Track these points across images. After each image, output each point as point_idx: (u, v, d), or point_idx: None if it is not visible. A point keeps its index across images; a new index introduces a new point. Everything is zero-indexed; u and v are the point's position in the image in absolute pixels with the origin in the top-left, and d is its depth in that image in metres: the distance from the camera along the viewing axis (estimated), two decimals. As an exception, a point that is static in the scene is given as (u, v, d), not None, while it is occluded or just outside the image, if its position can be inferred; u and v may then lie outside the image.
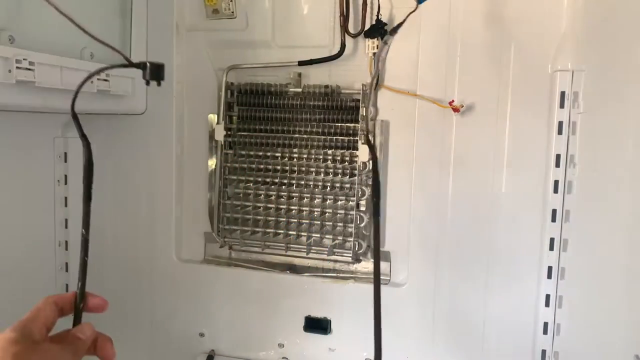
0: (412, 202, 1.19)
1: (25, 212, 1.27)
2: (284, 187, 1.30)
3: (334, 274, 1.30)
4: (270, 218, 1.30)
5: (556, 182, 1.09)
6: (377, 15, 1.18)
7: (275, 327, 1.31)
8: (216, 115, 1.32)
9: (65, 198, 1.35)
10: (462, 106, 1.11)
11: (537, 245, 1.11)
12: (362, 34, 1.20)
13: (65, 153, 1.34)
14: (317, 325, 1.27)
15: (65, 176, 1.34)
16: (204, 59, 1.33)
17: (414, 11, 1.03)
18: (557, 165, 1.08)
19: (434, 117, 1.15)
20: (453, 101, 1.12)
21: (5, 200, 1.22)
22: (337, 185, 1.27)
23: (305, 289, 1.28)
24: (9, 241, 1.23)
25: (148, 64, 0.77)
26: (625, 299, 0.96)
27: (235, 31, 1.30)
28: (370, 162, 1.24)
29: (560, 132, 1.08)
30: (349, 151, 1.25)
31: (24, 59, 0.94)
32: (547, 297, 1.11)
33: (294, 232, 1.29)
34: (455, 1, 1.13)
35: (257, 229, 1.32)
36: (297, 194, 1.29)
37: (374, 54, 1.19)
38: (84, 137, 0.68)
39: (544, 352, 1.13)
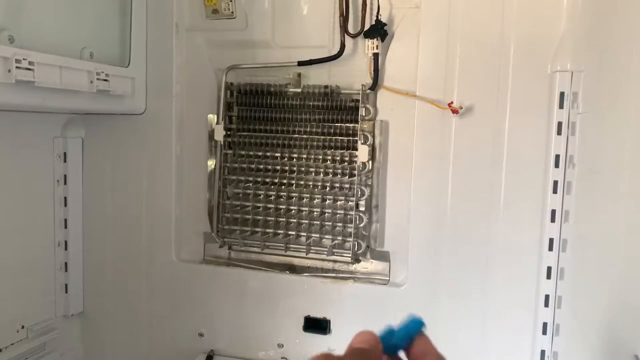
0: (412, 202, 1.19)
1: (25, 212, 1.27)
2: (283, 187, 1.30)
3: (334, 274, 1.30)
4: (269, 218, 1.30)
5: (555, 183, 1.09)
6: (377, 16, 1.18)
7: (275, 327, 1.31)
8: (216, 116, 1.32)
9: (65, 198, 1.35)
10: (462, 107, 1.11)
11: (537, 245, 1.11)
12: (362, 34, 1.20)
13: (65, 153, 1.34)
14: (317, 325, 1.27)
15: (65, 176, 1.34)
16: (203, 59, 1.33)
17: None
18: (557, 165, 1.08)
19: (434, 118, 1.15)
20: (452, 103, 1.12)
21: (5, 200, 1.22)
22: (337, 185, 1.27)
23: (304, 289, 1.28)
24: (9, 241, 1.23)
25: None
26: (624, 299, 0.96)
27: (234, 31, 1.30)
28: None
29: (559, 132, 1.08)
30: (349, 151, 1.25)
31: (23, 59, 0.94)
32: (547, 297, 1.11)
33: (294, 232, 1.29)
34: (455, 2, 1.13)
35: (257, 229, 1.32)
36: (296, 194, 1.29)
37: (374, 54, 1.19)
38: None
39: (543, 352, 1.13)
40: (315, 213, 1.28)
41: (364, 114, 1.22)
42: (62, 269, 1.37)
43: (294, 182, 1.29)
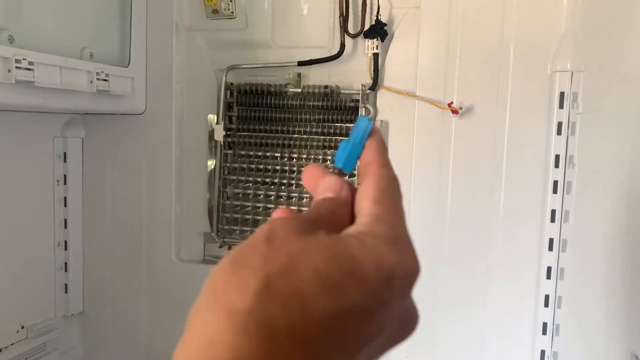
0: (412, 202, 1.19)
1: (25, 212, 1.27)
2: (283, 187, 1.30)
3: (334, 274, 1.30)
4: (269, 218, 1.30)
5: (555, 183, 1.09)
6: (377, 16, 1.18)
7: (275, 327, 1.31)
8: (216, 116, 1.32)
9: (65, 198, 1.35)
10: (461, 108, 1.11)
11: (536, 245, 1.11)
12: (362, 34, 1.20)
13: (65, 153, 1.34)
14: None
15: (65, 176, 1.34)
16: (203, 59, 1.33)
17: None
18: (557, 165, 1.08)
19: (434, 118, 1.15)
20: (452, 103, 1.12)
21: (5, 200, 1.22)
22: (337, 185, 1.27)
23: (304, 289, 1.27)
24: (9, 241, 1.23)
25: None
26: (624, 299, 0.96)
27: (234, 31, 1.30)
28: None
29: (559, 132, 1.08)
30: (349, 151, 1.25)
31: (23, 59, 0.94)
32: (546, 297, 1.11)
33: (294, 232, 1.29)
34: (455, 2, 1.13)
35: (257, 229, 1.31)
36: (296, 194, 1.29)
37: (374, 54, 1.19)
38: None
39: (542, 352, 1.13)
40: (315, 213, 1.28)
41: (363, 114, 1.22)
42: (62, 269, 1.37)
43: (294, 182, 1.29)
